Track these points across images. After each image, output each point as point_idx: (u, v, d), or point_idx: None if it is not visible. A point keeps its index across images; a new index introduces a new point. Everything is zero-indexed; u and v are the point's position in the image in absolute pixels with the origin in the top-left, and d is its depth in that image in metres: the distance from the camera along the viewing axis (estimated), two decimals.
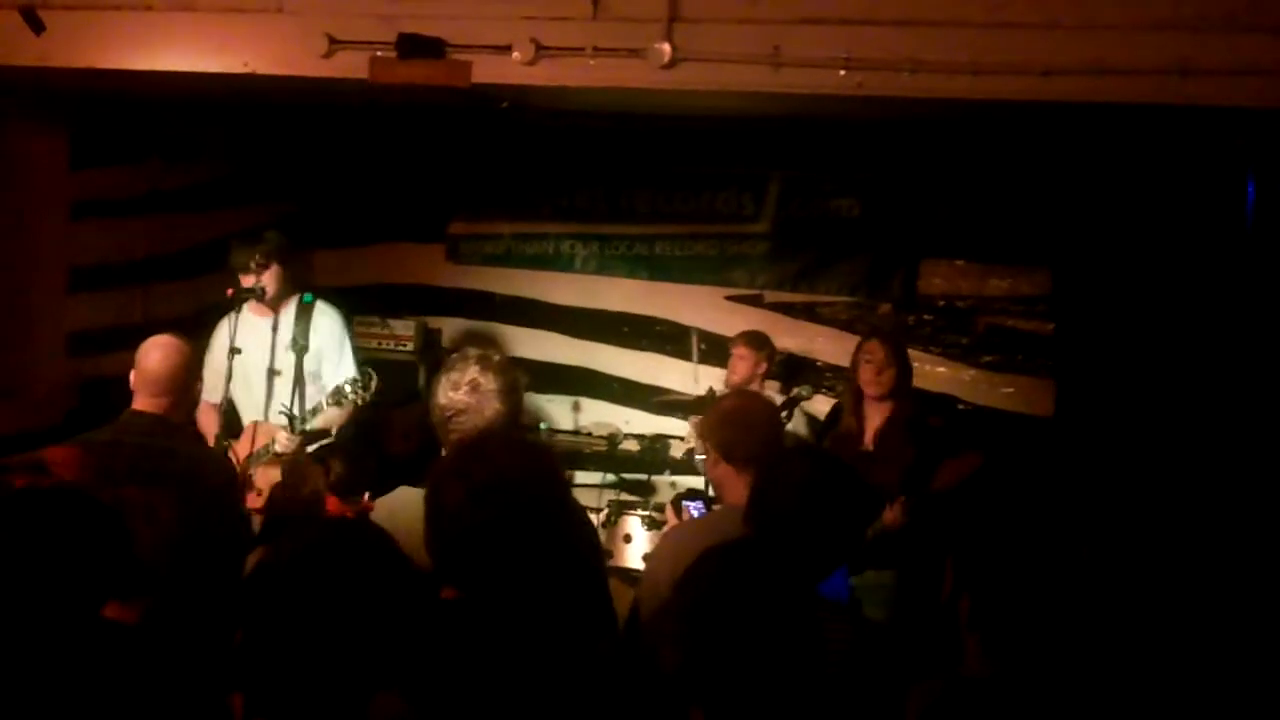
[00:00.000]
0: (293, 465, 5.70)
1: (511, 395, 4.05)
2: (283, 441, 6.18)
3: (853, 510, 3.68)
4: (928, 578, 6.04)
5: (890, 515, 6.02)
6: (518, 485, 3.09)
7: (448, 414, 4.00)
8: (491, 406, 3.98)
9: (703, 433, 4.67)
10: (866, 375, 6.50)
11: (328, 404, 6.30)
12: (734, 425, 4.48)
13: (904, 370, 6.57)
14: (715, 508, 4.88)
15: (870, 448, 6.49)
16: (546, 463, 3.30)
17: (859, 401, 6.59)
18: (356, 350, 6.92)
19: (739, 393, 5.48)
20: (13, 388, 7.12)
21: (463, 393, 3.99)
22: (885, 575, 6.26)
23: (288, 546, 2.67)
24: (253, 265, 6.43)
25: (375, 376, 6.37)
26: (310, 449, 6.38)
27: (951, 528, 5.85)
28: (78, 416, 6.95)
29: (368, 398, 6.32)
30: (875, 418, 6.53)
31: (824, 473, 3.72)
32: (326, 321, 6.73)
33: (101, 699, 2.95)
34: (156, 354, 4.85)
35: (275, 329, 6.54)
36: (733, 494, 4.32)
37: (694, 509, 5.26)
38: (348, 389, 6.28)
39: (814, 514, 3.55)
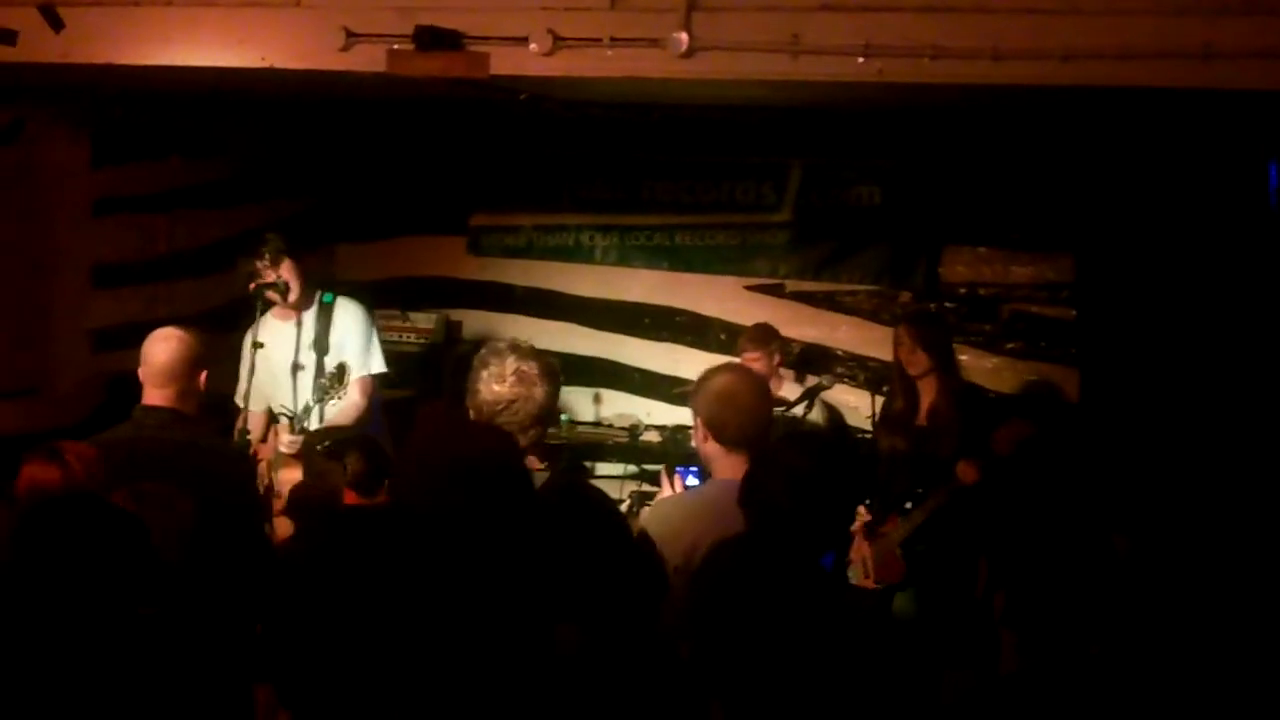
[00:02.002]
0: (310, 463, 5.72)
1: (555, 376, 4.10)
2: (285, 442, 6.16)
3: (846, 494, 3.71)
4: (957, 557, 6.17)
5: (968, 473, 6.17)
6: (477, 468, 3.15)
7: (498, 407, 4.00)
8: (541, 390, 4.02)
9: (693, 407, 4.61)
10: (902, 357, 6.87)
11: (313, 400, 6.34)
12: (723, 405, 4.42)
13: (938, 347, 6.88)
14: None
15: (925, 423, 6.70)
16: (506, 447, 3.35)
17: (908, 383, 6.89)
18: (382, 342, 7.00)
19: (729, 368, 5.43)
20: (38, 385, 7.15)
21: (509, 384, 4.00)
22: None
23: (307, 537, 2.69)
24: (263, 266, 6.48)
25: (348, 370, 6.44)
26: (324, 445, 6.42)
27: (982, 522, 5.92)
28: (104, 412, 6.98)
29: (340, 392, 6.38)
30: (926, 395, 6.84)
31: (817, 459, 3.73)
32: (347, 318, 6.80)
33: (125, 691, 2.96)
34: (160, 345, 4.93)
35: (300, 325, 6.61)
36: (721, 470, 4.32)
37: (688, 477, 5.26)
38: (325, 382, 6.34)
39: (809, 501, 3.56)
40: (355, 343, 6.78)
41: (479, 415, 4.06)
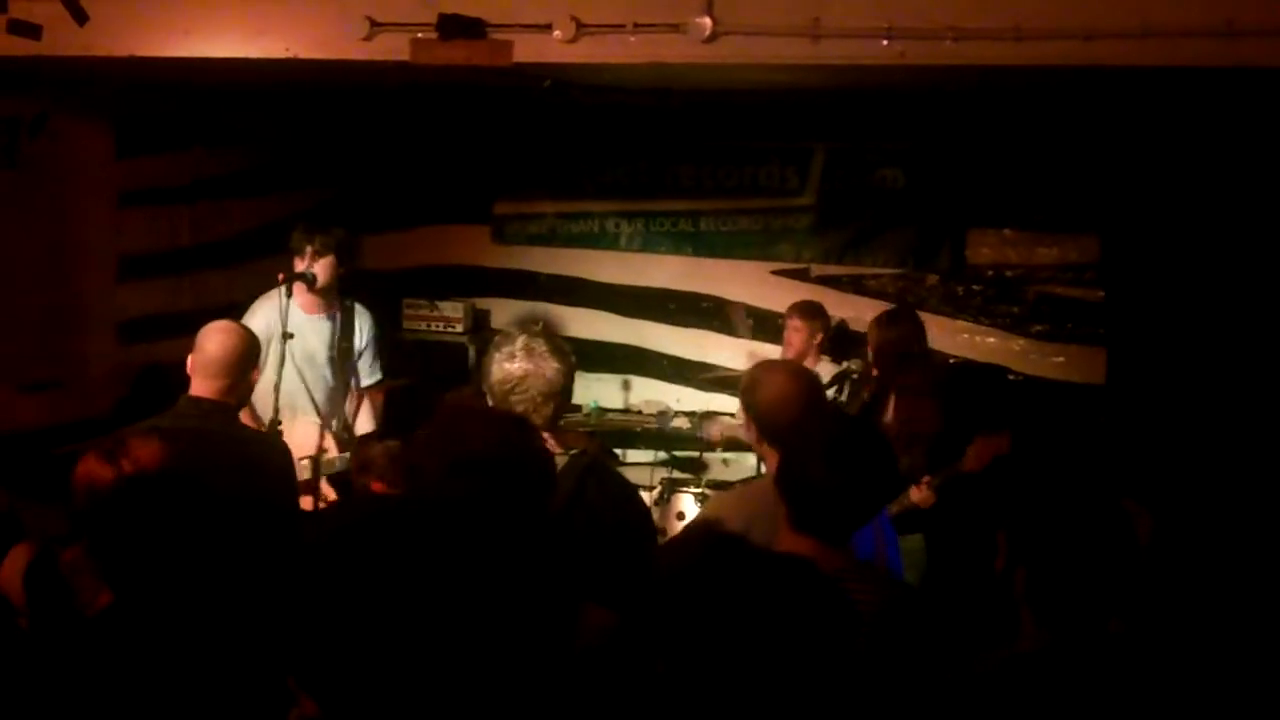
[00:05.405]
0: (358, 454, 5.83)
1: (565, 355, 4.11)
2: (338, 459, 6.22)
3: (884, 473, 3.60)
4: (961, 543, 6.06)
5: (918, 494, 6.02)
6: (494, 460, 3.14)
7: (508, 386, 4.03)
8: (550, 366, 4.04)
9: (744, 403, 4.58)
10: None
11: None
12: (777, 406, 4.40)
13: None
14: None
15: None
16: (528, 438, 3.33)
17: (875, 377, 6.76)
18: (385, 353, 7.22)
19: (781, 367, 5.30)
20: (64, 377, 7.17)
21: (518, 362, 4.04)
22: (914, 540, 6.23)
23: (328, 527, 2.69)
24: (309, 250, 6.51)
25: None
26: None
27: (998, 500, 5.83)
28: (129, 405, 7.00)
29: None
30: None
31: (854, 430, 3.67)
32: (366, 325, 6.97)
33: (160, 683, 2.98)
34: (218, 337, 4.88)
35: (333, 321, 6.67)
36: (775, 464, 4.29)
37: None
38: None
39: (847, 474, 3.46)
40: (370, 351, 6.98)
41: (493, 397, 4.08)
